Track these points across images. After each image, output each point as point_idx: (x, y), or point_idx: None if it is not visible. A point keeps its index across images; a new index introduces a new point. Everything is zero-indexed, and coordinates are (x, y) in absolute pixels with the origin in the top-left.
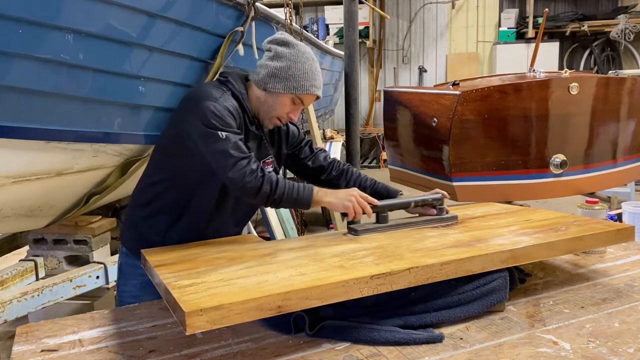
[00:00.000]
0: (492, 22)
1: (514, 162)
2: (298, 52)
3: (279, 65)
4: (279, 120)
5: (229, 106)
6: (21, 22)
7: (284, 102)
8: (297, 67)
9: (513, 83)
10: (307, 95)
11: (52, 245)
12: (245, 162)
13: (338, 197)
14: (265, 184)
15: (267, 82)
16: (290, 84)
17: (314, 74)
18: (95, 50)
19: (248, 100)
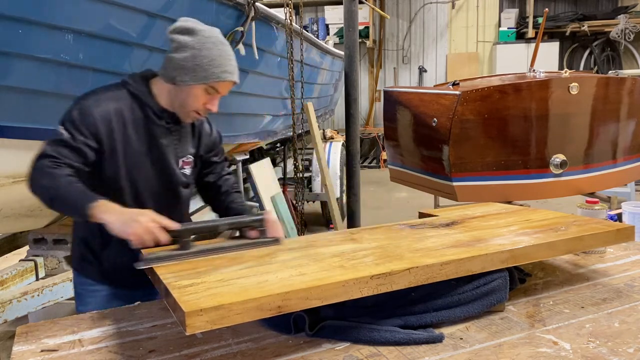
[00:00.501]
0: (492, 22)
1: (514, 162)
2: (202, 38)
3: (183, 56)
4: (197, 114)
5: (95, 109)
6: (21, 22)
7: (197, 94)
8: (203, 54)
9: (513, 83)
10: (220, 82)
11: (52, 245)
12: (45, 160)
13: (121, 217)
14: (42, 183)
15: (175, 76)
16: (198, 74)
17: (223, 59)
18: (95, 50)
19: (150, 96)
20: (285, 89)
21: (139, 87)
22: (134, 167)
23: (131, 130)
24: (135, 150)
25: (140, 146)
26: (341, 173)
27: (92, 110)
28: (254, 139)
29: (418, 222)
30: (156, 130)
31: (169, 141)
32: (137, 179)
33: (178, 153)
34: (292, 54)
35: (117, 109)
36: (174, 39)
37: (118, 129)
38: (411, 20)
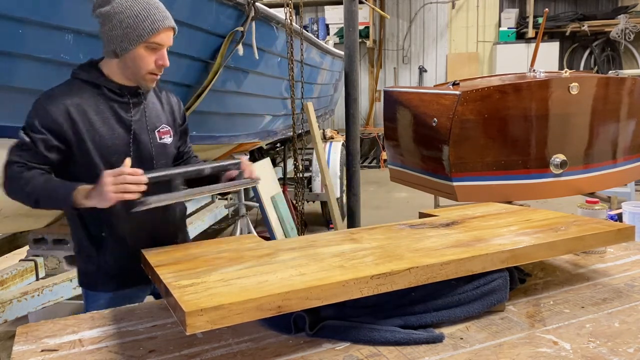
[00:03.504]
0: (492, 22)
1: (514, 162)
2: (119, 2)
3: (110, 26)
4: (152, 74)
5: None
6: (21, 22)
7: (141, 55)
8: (127, 15)
9: (513, 83)
10: (155, 35)
11: (52, 245)
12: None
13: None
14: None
15: (113, 49)
16: (131, 36)
17: (147, 11)
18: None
19: (104, 77)
20: (285, 89)
21: (90, 74)
22: (107, 151)
23: (94, 117)
24: (104, 135)
25: (108, 129)
26: (341, 173)
27: (48, 109)
28: (254, 139)
29: (418, 222)
30: (120, 109)
31: (137, 116)
32: (114, 162)
33: (149, 125)
34: (292, 54)
35: (73, 100)
36: (97, 14)
37: (80, 119)
38: (411, 20)
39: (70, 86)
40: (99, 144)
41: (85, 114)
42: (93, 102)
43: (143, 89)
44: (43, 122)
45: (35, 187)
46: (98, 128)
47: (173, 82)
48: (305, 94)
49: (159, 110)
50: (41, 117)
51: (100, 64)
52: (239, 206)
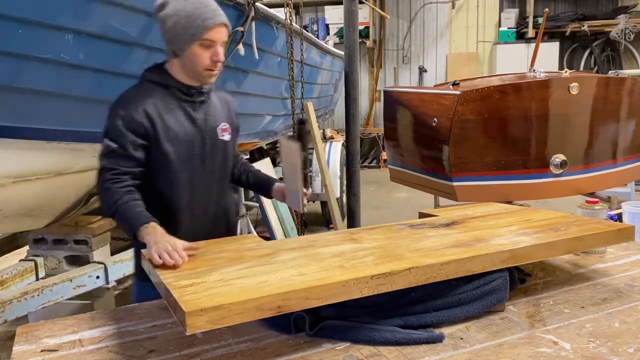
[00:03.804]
0: (492, 22)
1: (514, 162)
2: (175, 4)
3: (167, 27)
4: (209, 70)
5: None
6: (21, 22)
7: (197, 53)
8: (181, 16)
9: (513, 83)
10: (207, 32)
11: (52, 245)
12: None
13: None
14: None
15: (172, 49)
16: (185, 36)
17: (199, 10)
18: (95, 50)
19: (172, 78)
20: (285, 89)
21: (159, 75)
22: (179, 148)
23: (166, 116)
24: (176, 133)
25: (179, 127)
26: (341, 173)
27: (129, 112)
28: (254, 139)
29: (418, 222)
30: (188, 108)
31: (202, 114)
32: (184, 158)
33: (212, 123)
34: (292, 54)
35: (148, 101)
36: (157, 19)
37: (156, 118)
38: (411, 20)
39: (143, 88)
40: (173, 142)
41: (160, 113)
42: (165, 102)
43: (203, 85)
44: (127, 124)
45: (118, 207)
46: (171, 126)
47: None
48: (305, 94)
49: (219, 109)
50: (124, 120)
51: (165, 66)
52: (238, 206)
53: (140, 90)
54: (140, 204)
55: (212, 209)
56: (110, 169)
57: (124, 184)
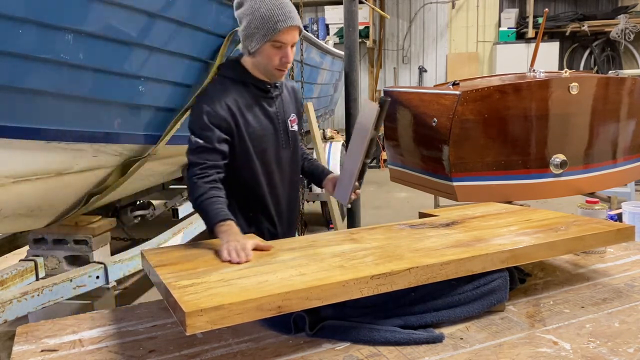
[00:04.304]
0: (492, 22)
1: (514, 162)
2: (252, 3)
3: (244, 25)
4: (279, 69)
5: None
6: (22, 22)
7: (267, 52)
8: (255, 16)
9: (513, 83)
10: (278, 34)
11: (52, 245)
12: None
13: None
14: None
15: (246, 47)
16: (258, 36)
17: (273, 12)
18: (95, 50)
19: (249, 75)
20: None
21: (237, 72)
22: (258, 141)
23: (245, 111)
24: (255, 127)
25: (257, 122)
26: None
27: (213, 108)
28: None
29: (418, 222)
30: (264, 102)
31: (276, 108)
32: (262, 150)
33: (284, 115)
34: None
35: (229, 97)
36: (235, 16)
37: (237, 113)
38: (411, 20)
39: (222, 85)
40: (252, 135)
41: (240, 109)
42: (243, 98)
43: (273, 81)
44: (212, 120)
45: (201, 202)
46: (250, 121)
47: (173, 82)
48: (305, 94)
49: (288, 101)
50: (209, 116)
51: (242, 61)
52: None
53: (220, 87)
54: (221, 201)
55: (287, 195)
56: (198, 163)
57: (210, 179)
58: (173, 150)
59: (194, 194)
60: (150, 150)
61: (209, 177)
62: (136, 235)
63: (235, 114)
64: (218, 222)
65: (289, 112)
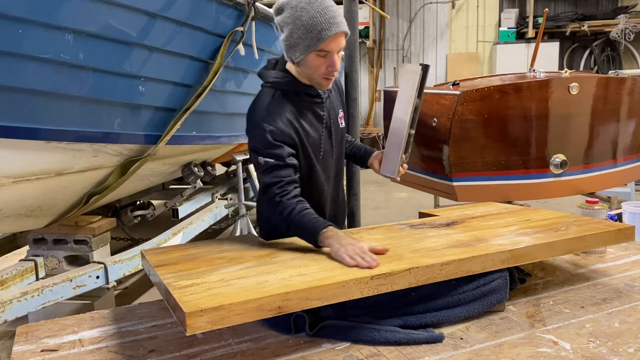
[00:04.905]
0: (492, 22)
1: (514, 162)
2: (291, 11)
3: (285, 35)
4: (326, 79)
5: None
6: (21, 22)
7: (313, 62)
8: (297, 26)
9: (513, 83)
10: (323, 43)
11: (52, 245)
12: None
13: (342, 245)
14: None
15: (290, 56)
16: (302, 46)
17: (317, 20)
18: (95, 50)
19: (299, 83)
20: None
21: (289, 82)
22: (316, 148)
23: (303, 121)
24: (312, 135)
25: (313, 129)
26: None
27: (275, 126)
28: None
29: (418, 222)
30: (316, 108)
31: (326, 110)
32: (320, 155)
33: (334, 115)
34: None
35: (287, 110)
36: (275, 23)
37: (297, 125)
38: (411, 20)
39: (276, 98)
40: (312, 144)
41: (298, 120)
42: (297, 108)
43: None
44: (277, 138)
45: (292, 219)
46: (308, 130)
47: (173, 82)
48: None
49: (334, 98)
50: (273, 135)
51: (288, 68)
52: (239, 206)
53: (275, 100)
54: (312, 212)
55: (338, 189)
56: (274, 183)
57: (292, 194)
58: (173, 150)
59: (282, 213)
60: (150, 150)
61: (290, 193)
62: (136, 235)
63: (296, 127)
64: (321, 231)
65: (337, 110)
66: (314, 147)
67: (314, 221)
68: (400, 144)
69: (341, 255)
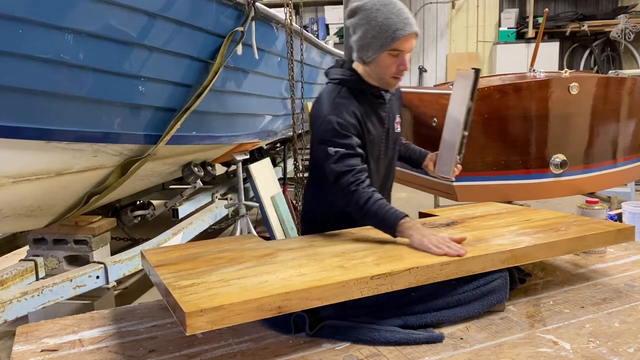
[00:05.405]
0: (492, 22)
1: (514, 162)
2: (366, 12)
3: (358, 36)
4: (395, 78)
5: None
6: (21, 21)
7: (385, 62)
8: (372, 26)
9: (513, 83)
10: (397, 42)
11: (52, 245)
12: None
13: (424, 235)
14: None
15: (361, 56)
16: (376, 45)
17: (391, 21)
18: (95, 50)
19: (365, 83)
20: (285, 89)
21: (356, 80)
22: (373, 146)
23: (366, 119)
24: (373, 133)
25: (374, 128)
26: None
27: (343, 117)
28: (254, 139)
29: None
30: (379, 109)
31: (387, 112)
32: (376, 156)
33: (392, 118)
34: (292, 54)
35: (353, 105)
36: (347, 25)
37: (362, 121)
38: None
39: (343, 93)
40: (371, 142)
41: (362, 115)
42: (362, 106)
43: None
44: (345, 127)
45: (369, 208)
46: (370, 128)
47: (173, 82)
48: (305, 94)
49: (395, 103)
50: (341, 126)
51: (354, 68)
52: (239, 206)
53: (343, 95)
54: (386, 202)
55: (384, 192)
56: (347, 172)
57: (366, 183)
58: (173, 150)
59: (359, 201)
60: (150, 150)
61: (364, 182)
62: (136, 235)
63: (360, 122)
64: (400, 221)
65: (394, 114)
66: (372, 146)
67: (391, 211)
68: (454, 145)
69: (427, 245)
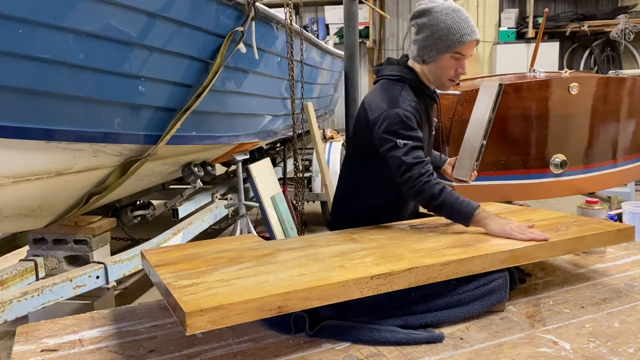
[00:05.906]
0: (492, 22)
1: (514, 162)
2: (435, 14)
3: (424, 35)
4: (451, 80)
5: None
6: (21, 21)
7: (446, 64)
8: (440, 27)
9: (513, 83)
10: (461, 46)
11: (52, 245)
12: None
13: (503, 224)
14: (428, 192)
15: (423, 55)
16: (441, 46)
17: (458, 25)
18: (95, 50)
19: (422, 82)
20: (285, 89)
21: (415, 79)
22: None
23: (419, 116)
24: (424, 132)
25: (424, 128)
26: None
27: (406, 109)
28: (254, 139)
29: (418, 222)
30: (430, 109)
31: (433, 113)
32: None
33: (433, 122)
34: (292, 54)
35: (413, 100)
36: (414, 24)
37: (419, 117)
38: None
39: (405, 90)
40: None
41: (419, 114)
42: (417, 103)
43: (440, 90)
44: (410, 120)
45: (444, 198)
46: (423, 127)
47: (173, 82)
48: (306, 94)
49: (436, 109)
50: (407, 119)
51: (412, 66)
52: (239, 206)
53: (404, 91)
54: (457, 193)
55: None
56: (417, 163)
57: (435, 175)
58: (173, 150)
59: (434, 192)
60: (150, 150)
61: (433, 173)
62: (136, 235)
63: (419, 119)
64: (475, 211)
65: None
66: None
67: (466, 202)
68: (474, 152)
69: (509, 232)
